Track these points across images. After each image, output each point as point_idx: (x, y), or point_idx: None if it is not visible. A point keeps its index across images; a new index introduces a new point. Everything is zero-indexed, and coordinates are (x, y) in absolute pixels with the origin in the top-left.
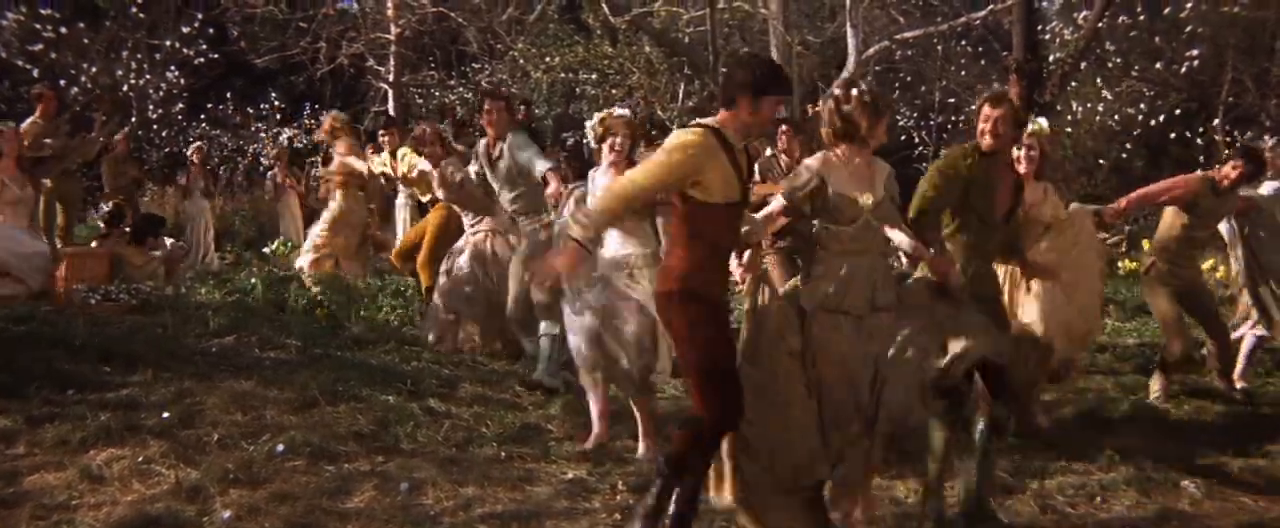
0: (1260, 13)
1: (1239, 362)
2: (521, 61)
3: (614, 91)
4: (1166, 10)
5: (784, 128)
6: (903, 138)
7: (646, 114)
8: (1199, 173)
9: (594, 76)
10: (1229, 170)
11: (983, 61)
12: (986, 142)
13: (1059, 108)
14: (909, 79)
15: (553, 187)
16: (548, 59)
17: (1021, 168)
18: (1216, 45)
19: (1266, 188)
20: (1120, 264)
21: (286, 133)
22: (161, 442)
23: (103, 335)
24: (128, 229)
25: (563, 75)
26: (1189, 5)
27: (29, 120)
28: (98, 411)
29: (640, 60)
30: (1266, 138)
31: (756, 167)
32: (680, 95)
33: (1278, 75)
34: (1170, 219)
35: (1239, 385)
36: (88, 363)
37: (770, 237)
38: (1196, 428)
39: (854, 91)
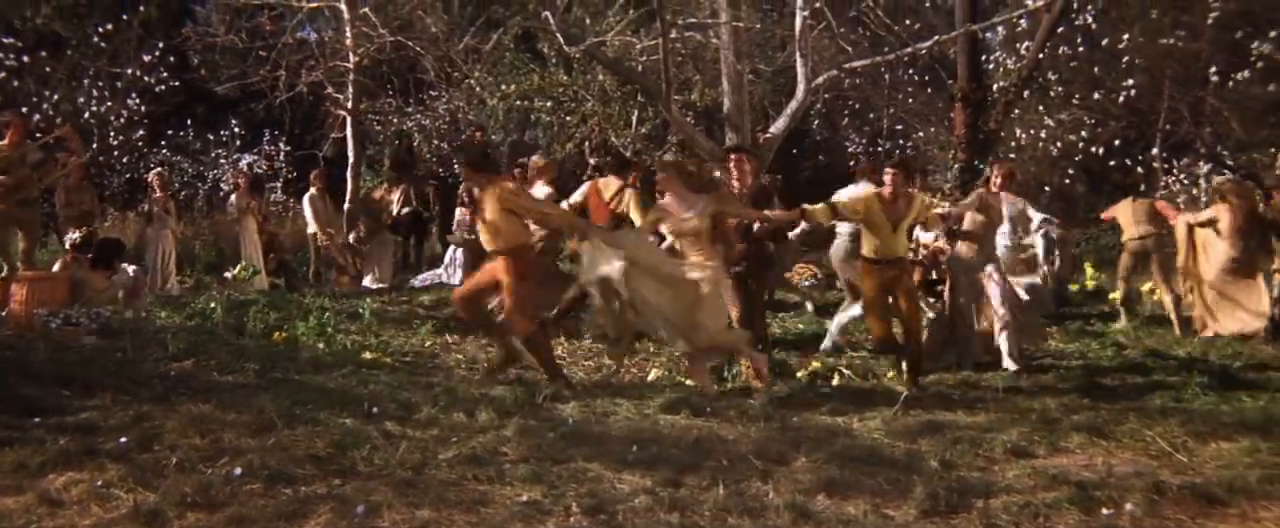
0: (1195, 45)
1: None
2: (478, 89)
3: (568, 118)
4: (1106, 41)
5: (737, 156)
6: (851, 164)
7: (601, 141)
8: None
9: (549, 104)
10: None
11: (929, 90)
12: None
13: (1003, 134)
14: (857, 107)
15: None
16: (504, 87)
17: None
18: (1153, 75)
19: None
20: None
21: (247, 159)
22: (120, 466)
23: (62, 360)
24: (89, 255)
25: (518, 103)
26: (1127, 37)
27: None
28: (56, 435)
29: (594, 88)
30: (1202, 164)
31: None
32: (634, 122)
33: (1212, 104)
34: None
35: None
36: (47, 387)
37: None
38: (1139, 446)
39: None
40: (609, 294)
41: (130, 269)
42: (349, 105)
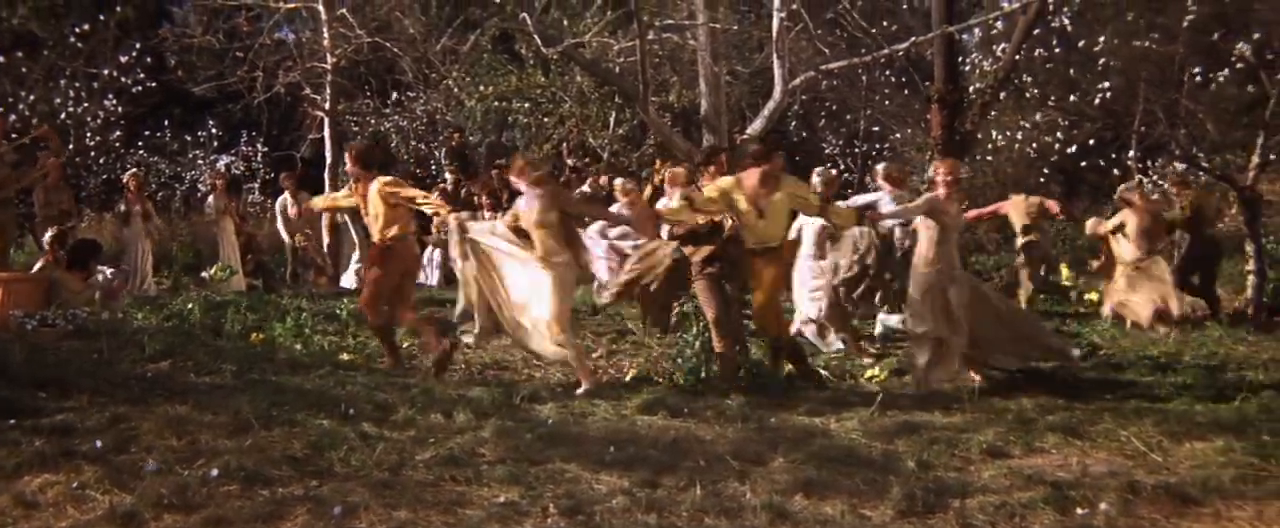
0: (1169, 47)
1: None
2: (456, 90)
3: (546, 120)
4: (1082, 43)
5: (718, 162)
6: (829, 165)
7: (579, 142)
8: None
9: (527, 105)
10: None
11: (906, 91)
12: None
13: (980, 136)
14: (835, 108)
15: None
16: (481, 88)
17: None
18: (1129, 78)
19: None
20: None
21: (224, 160)
22: (96, 467)
23: (38, 361)
24: (64, 255)
25: (496, 104)
26: (1102, 39)
27: None
28: (32, 436)
29: (572, 89)
30: (1176, 166)
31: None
32: (611, 123)
33: (1187, 106)
34: None
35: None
36: (23, 389)
37: (700, 263)
38: (1114, 446)
39: None
40: (468, 279)
41: (109, 272)
42: (326, 106)
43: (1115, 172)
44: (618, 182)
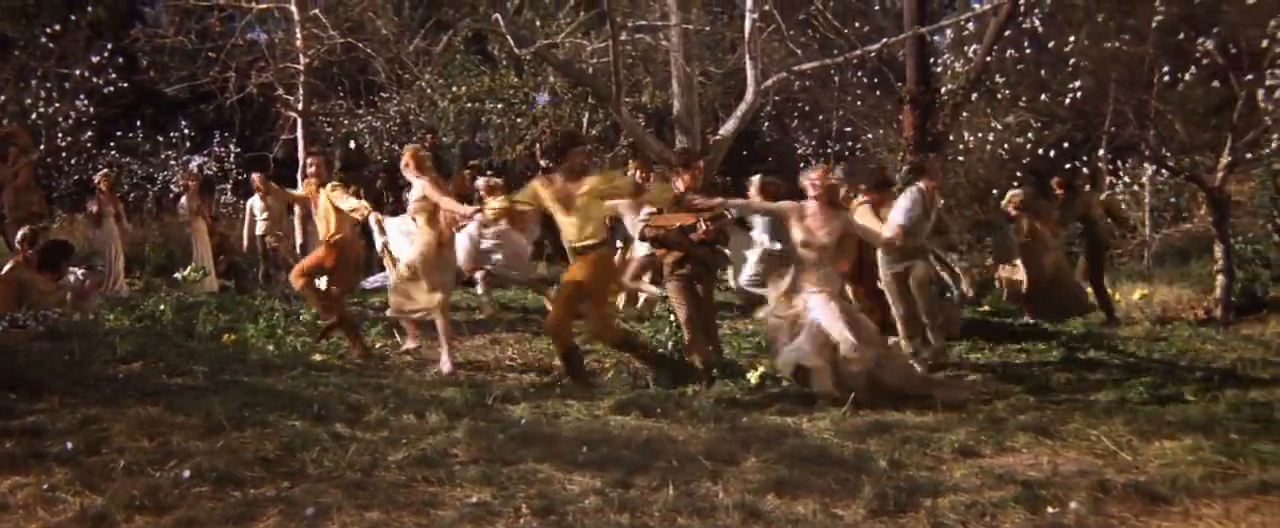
0: (1139, 48)
1: None
2: (429, 91)
3: (519, 121)
4: (1052, 44)
5: (697, 165)
6: (802, 166)
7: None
8: None
9: (500, 106)
10: None
11: (878, 92)
12: None
13: (951, 137)
14: (807, 109)
15: None
16: (454, 88)
17: None
18: (1099, 78)
19: None
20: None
21: (196, 160)
22: (67, 469)
23: (9, 362)
24: (35, 255)
25: (469, 104)
26: (1073, 40)
27: None
28: (2, 438)
29: (545, 90)
30: (1146, 167)
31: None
32: (584, 124)
33: (1156, 107)
34: None
35: None
36: None
37: (671, 264)
38: (1084, 445)
39: None
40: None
41: (80, 272)
42: (299, 107)
43: (1086, 171)
44: (479, 181)
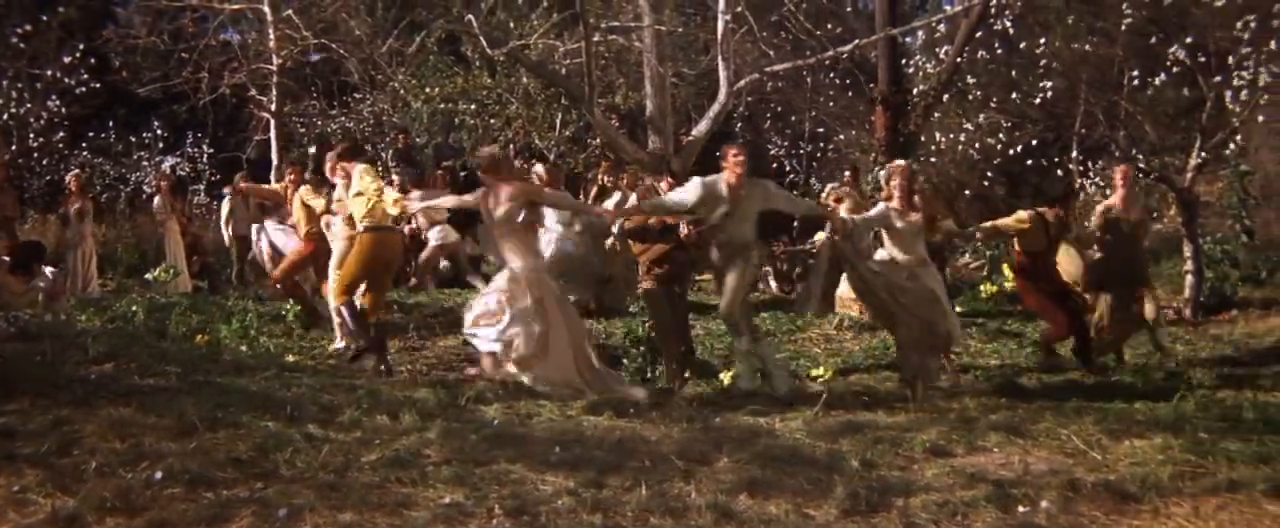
0: (1109, 50)
1: None
2: (402, 92)
3: (493, 121)
4: (1023, 46)
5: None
6: (774, 166)
7: (525, 143)
8: None
9: (473, 107)
10: None
11: (850, 93)
12: None
13: (923, 138)
14: (780, 109)
15: None
16: (428, 89)
17: None
18: (1070, 79)
19: None
20: (982, 287)
21: (169, 161)
22: (38, 470)
23: None
24: (6, 257)
25: (443, 105)
26: (1044, 42)
27: None
28: None
29: (518, 91)
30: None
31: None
32: (558, 125)
33: (1126, 108)
34: None
35: None
36: None
37: (648, 263)
38: (1055, 445)
39: None
40: None
41: (49, 272)
42: (272, 107)
43: (1058, 172)
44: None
